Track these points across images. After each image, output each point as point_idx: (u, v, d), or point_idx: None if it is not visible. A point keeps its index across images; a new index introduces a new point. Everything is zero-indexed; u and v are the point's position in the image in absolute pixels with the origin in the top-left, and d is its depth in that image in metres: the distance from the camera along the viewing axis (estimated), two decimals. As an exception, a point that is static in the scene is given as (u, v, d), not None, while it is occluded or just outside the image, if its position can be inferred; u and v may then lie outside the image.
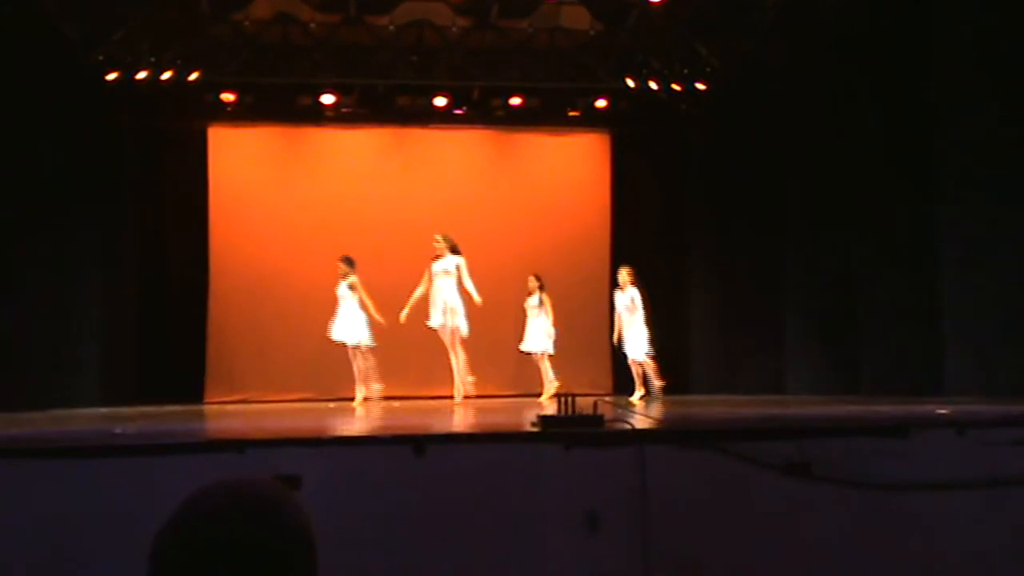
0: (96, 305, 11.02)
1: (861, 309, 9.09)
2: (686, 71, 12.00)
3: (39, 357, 9.51)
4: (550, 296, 10.59)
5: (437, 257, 10.03)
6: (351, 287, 9.89)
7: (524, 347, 10.55)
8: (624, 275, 10.25)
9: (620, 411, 5.36)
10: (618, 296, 10.30)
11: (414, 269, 10.47)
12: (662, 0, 10.38)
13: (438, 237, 10.11)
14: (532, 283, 10.64)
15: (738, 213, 11.68)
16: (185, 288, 12.52)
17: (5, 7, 8.75)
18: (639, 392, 10.18)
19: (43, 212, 9.71)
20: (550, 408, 5.11)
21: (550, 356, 10.50)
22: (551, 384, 10.24)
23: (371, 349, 9.93)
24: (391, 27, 11.43)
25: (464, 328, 9.84)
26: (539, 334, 10.47)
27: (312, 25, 11.33)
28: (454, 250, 10.06)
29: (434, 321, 9.89)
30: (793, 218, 10.43)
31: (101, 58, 10.85)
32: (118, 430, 5.32)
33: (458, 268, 10.02)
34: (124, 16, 10.62)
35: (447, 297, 9.90)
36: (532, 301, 10.60)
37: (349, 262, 10.03)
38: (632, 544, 3.88)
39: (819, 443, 4.08)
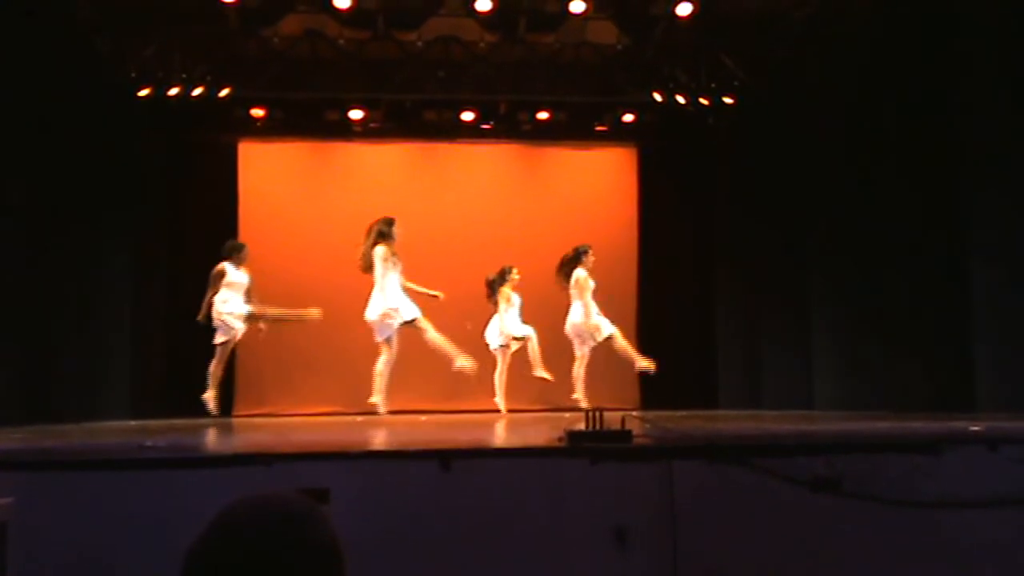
0: (126, 319, 11.13)
1: (890, 324, 9.00)
2: (714, 84, 11.97)
3: (70, 370, 9.61)
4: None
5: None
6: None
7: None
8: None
9: (648, 424, 5.33)
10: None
11: (441, 282, 10.52)
12: (689, 14, 10.36)
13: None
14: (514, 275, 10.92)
15: (766, 227, 11.62)
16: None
17: (39, 21, 8.88)
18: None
19: (73, 226, 9.83)
20: (578, 423, 5.09)
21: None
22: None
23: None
24: (419, 43, 11.49)
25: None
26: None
27: (341, 41, 11.41)
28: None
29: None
30: (821, 231, 10.36)
31: (134, 75, 10.98)
32: (148, 443, 5.36)
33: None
34: (155, 32, 10.75)
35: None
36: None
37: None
38: (660, 560, 3.86)
39: (849, 460, 4.03)
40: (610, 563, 3.85)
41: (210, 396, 9.54)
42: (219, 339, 9.63)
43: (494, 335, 10.62)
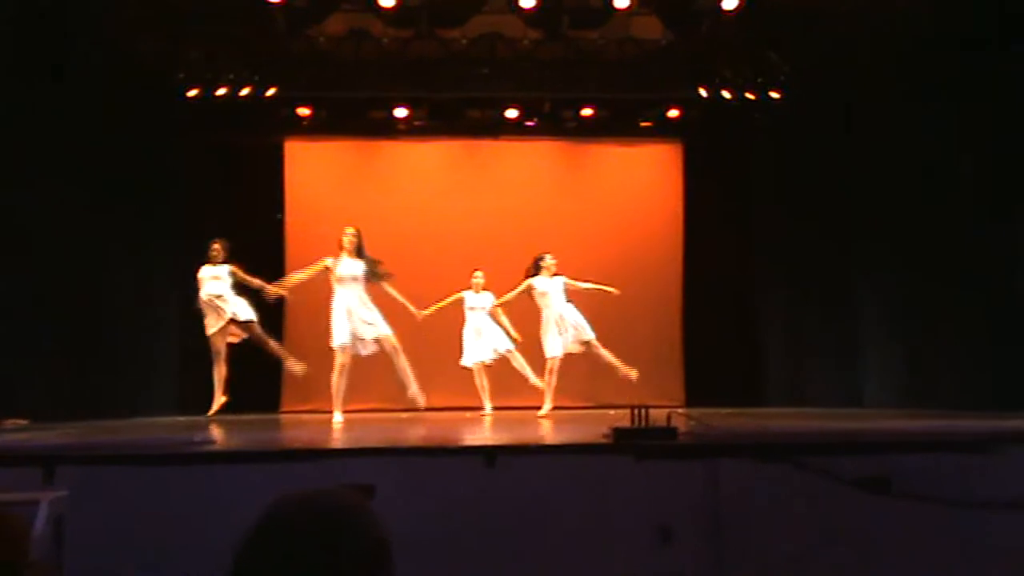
0: (173, 316, 11.28)
1: (941, 317, 8.85)
2: (760, 80, 11.86)
3: (119, 366, 9.78)
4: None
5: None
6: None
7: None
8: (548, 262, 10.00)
9: (693, 422, 5.30)
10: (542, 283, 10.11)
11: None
12: (735, 9, 10.26)
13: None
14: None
15: (811, 223, 11.48)
16: (261, 299, 12.72)
17: (82, 22, 9.02)
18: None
19: (121, 226, 9.99)
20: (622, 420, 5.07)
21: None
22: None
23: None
24: (462, 40, 11.51)
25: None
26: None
27: (385, 40, 11.46)
28: None
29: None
30: (867, 227, 10.21)
31: (181, 75, 11.13)
32: (197, 439, 5.43)
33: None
34: (202, 33, 10.88)
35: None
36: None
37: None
38: (705, 559, 3.83)
39: (899, 459, 3.98)
40: (654, 560, 3.83)
41: (217, 404, 9.33)
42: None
43: (479, 349, 10.39)
